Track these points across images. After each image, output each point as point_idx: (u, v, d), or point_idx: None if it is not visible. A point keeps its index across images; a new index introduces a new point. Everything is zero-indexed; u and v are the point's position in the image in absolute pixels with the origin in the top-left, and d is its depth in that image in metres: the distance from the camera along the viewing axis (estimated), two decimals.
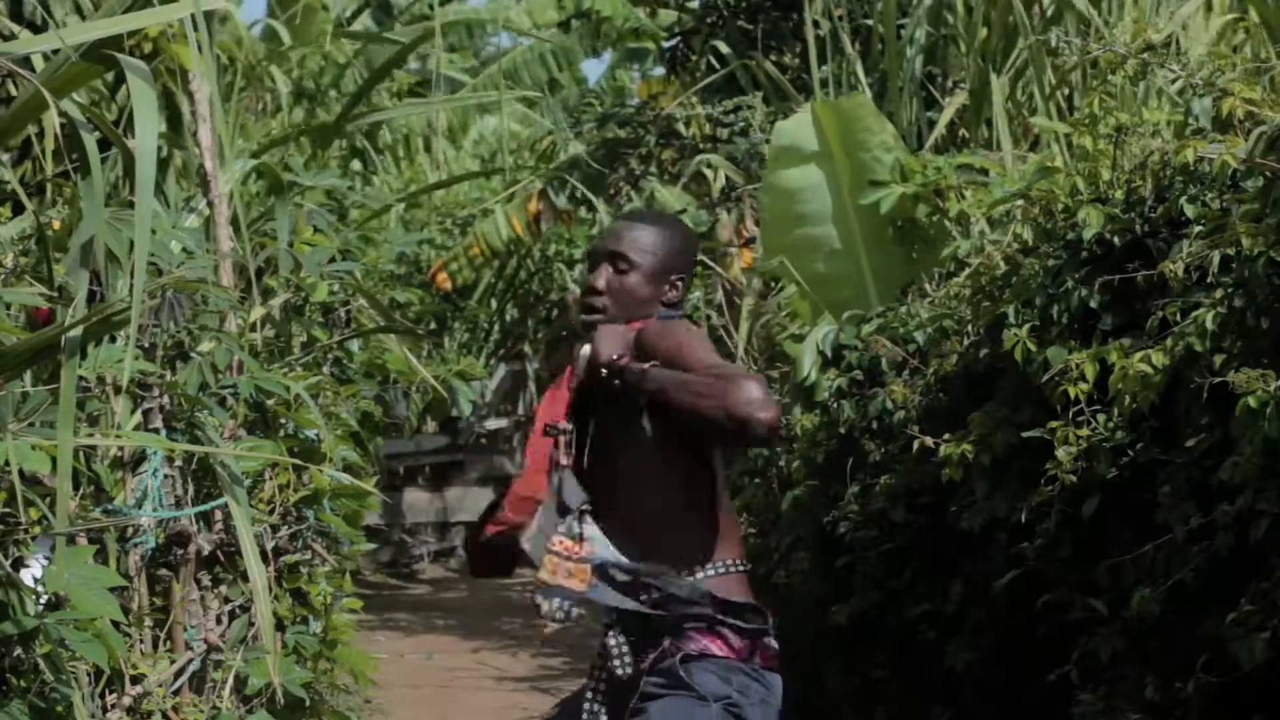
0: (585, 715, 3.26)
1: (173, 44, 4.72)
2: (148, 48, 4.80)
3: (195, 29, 2.68)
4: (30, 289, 3.58)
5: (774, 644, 3.25)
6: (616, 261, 3.30)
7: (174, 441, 3.82)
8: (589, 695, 3.29)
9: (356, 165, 15.86)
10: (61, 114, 2.81)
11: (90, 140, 2.81)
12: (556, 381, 3.35)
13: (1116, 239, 4.39)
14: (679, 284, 3.35)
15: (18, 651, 2.98)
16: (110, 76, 5.50)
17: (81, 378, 3.71)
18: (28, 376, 3.21)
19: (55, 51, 3.09)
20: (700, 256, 10.30)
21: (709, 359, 3.12)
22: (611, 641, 3.21)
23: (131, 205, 3.79)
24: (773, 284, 8.68)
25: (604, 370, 3.18)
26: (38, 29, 5.52)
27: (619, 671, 3.18)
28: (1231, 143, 4.10)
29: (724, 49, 11.08)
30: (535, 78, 17.66)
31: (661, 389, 3.10)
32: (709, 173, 11.03)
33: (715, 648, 3.16)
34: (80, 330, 2.79)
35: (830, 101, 7.98)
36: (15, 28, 5.08)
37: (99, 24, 3.08)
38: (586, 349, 3.25)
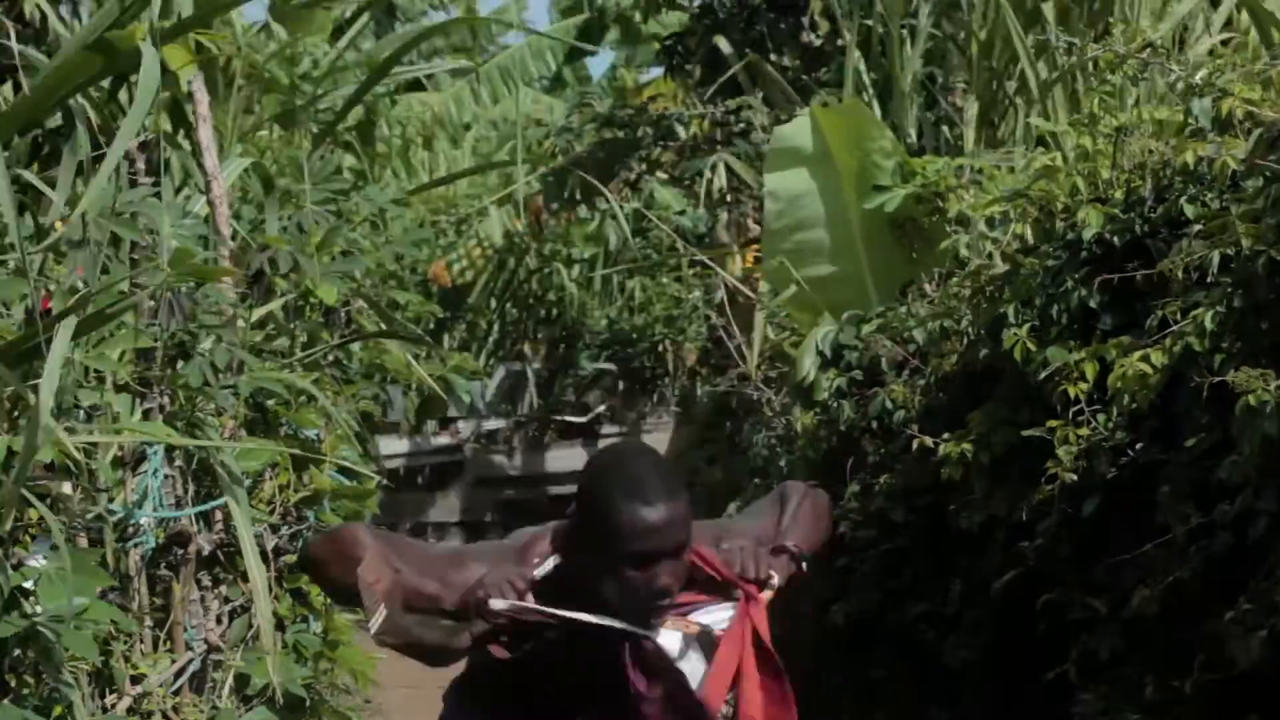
0: None
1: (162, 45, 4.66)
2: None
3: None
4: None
5: None
6: (681, 552, 2.83)
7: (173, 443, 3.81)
8: None
9: (351, 161, 15.81)
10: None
11: (83, 134, 2.82)
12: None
13: (1116, 239, 4.39)
14: None
15: (16, 651, 2.99)
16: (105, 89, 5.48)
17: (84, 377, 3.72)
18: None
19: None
20: (700, 257, 10.37)
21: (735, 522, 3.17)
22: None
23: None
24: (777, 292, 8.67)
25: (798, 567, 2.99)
26: (37, 29, 5.50)
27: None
28: (1230, 145, 4.09)
29: (725, 49, 11.06)
30: (538, 74, 17.66)
31: (807, 546, 3.05)
32: (708, 173, 11.01)
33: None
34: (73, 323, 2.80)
35: (829, 107, 7.98)
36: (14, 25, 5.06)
37: None
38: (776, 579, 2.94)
